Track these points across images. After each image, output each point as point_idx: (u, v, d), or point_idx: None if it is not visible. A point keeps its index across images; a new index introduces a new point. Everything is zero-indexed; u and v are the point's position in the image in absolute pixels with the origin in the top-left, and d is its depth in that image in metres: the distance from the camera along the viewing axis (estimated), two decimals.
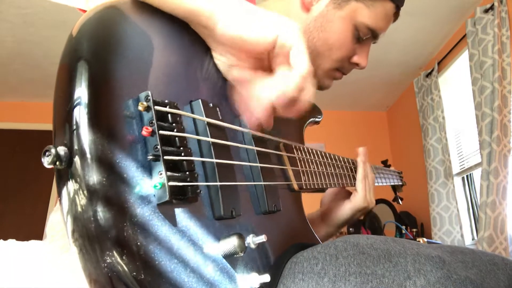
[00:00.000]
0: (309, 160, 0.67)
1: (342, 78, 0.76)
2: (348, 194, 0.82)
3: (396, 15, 0.73)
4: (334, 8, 0.68)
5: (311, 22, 0.69)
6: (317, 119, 0.79)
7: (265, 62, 0.47)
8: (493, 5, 2.24)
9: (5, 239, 0.54)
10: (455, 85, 2.89)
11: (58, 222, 0.52)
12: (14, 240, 0.55)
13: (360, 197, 0.77)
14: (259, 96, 0.44)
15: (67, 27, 2.51)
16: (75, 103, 0.31)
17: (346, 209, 0.77)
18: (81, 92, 0.31)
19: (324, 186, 0.70)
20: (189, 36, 0.46)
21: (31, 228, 3.24)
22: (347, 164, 0.83)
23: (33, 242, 0.54)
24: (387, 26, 0.72)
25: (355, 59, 0.72)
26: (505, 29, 2.20)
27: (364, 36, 0.69)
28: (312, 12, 0.69)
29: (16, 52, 2.95)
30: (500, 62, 2.16)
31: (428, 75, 3.02)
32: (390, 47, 2.90)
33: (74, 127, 0.30)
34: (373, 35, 0.70)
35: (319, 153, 0.72)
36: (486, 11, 2.30)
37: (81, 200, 0.29)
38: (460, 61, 2.76)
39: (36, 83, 3.38)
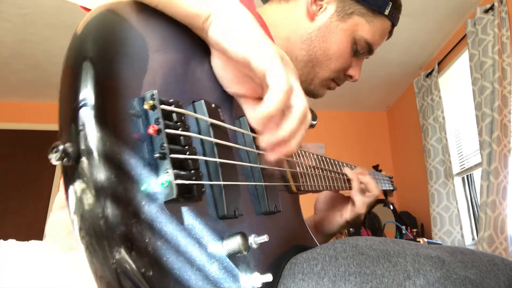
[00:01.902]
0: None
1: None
2: (343, 201, 0.83)
3: (390, 33, 0.78)
4: (338, 20, 0.70)
5: (313, 31, 0.71)
6: (313, 122, 0.80)
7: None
8: (493, 5, 2.24)
9: (5, 239, 0.54)
10: (455, 85, 2.89)
11: (59, 221, 0.52)
12: (14, 240, 0.55)
13: (353, 209, 0.80)
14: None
15: (67, 27, 2.53)
16: (81, 101, 0.31)
17: (340, 221, 0.81)
18: (87, 91, 0.31)
19: (321, 189, 0.72)
20: (191, 37, 0.46)
21: (31, 228, 3.25)
22: (340, 169, 0.85)
23: (33, 242, 0.54)
24: (382, 42, 0.77)
25: (350, 71, 0.76)
26: (505, 29, 2.20)
27: (361, 50, 0.73)
28: (316, 22, 0.71)
29: (16, 52, 2.95)
30: (500, 62, 2.16)
31: (428, 75, 3.03)
32: (390, 47, 2.89)
33: (81, 126, 0.30)
34: (369, 49, 0.74)
35: (315, 156, 0.74)
36: (486, 11, 2.30)
37: (89, 198, 0.29)
38: (460, 61, 2.76)
39: (36, 83, 3.39)
